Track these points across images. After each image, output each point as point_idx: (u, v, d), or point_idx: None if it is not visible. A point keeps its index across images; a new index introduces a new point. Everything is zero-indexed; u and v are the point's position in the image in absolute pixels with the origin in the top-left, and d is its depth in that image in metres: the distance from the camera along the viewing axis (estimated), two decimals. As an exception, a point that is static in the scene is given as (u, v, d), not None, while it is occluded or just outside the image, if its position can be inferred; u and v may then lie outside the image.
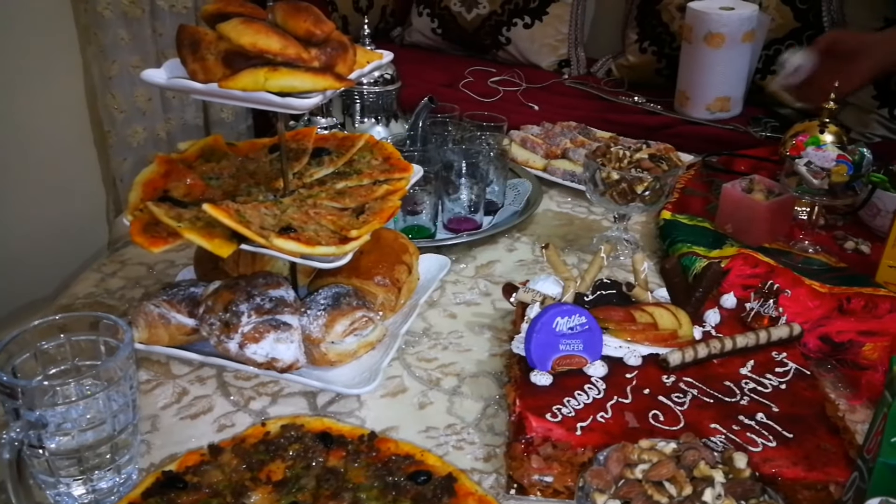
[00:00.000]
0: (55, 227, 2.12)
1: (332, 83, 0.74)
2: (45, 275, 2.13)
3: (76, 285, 1.06)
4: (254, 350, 0.82)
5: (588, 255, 1.20)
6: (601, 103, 2.37)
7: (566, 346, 0.82)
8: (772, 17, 2.23)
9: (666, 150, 1.47)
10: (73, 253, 2.17)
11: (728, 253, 1.09)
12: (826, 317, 0.96)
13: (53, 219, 2.11)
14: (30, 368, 0.70)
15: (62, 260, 2.15)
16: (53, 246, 2.12)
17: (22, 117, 1.97)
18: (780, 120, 2.17)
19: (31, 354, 0.70)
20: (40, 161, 2.05)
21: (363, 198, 0.89)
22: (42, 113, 2.02)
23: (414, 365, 0.92)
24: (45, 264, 2.12)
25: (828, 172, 1.05)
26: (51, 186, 2.09)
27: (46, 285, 2.15)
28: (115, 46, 2.04)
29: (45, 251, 2.11)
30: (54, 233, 2.11)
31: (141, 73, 0.79)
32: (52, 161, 2.08)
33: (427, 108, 1.29)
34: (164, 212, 0.80)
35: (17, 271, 2.06)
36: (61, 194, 2.12)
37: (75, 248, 2.16)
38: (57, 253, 2.14)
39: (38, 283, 2.13)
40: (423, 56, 2.78)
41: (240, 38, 0.73)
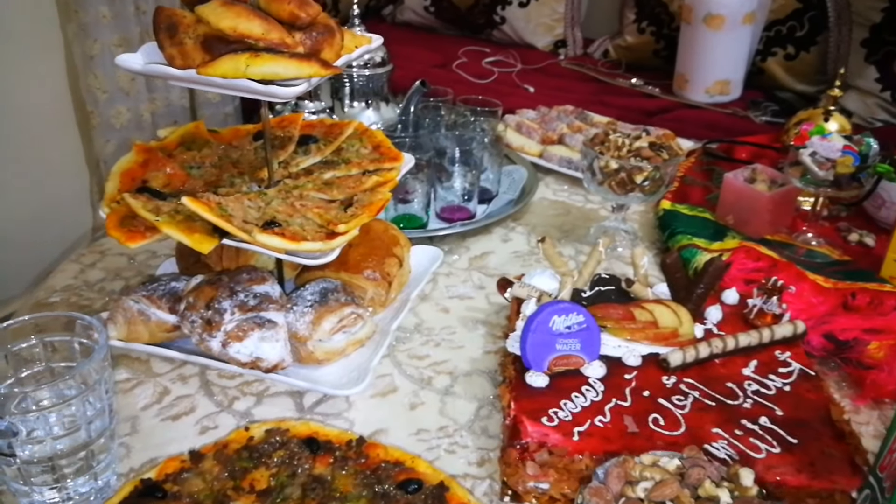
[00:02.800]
0: (38, 210, 2.07)
1: (318, 70, 0.70)
2: (28, 258, 2.09)
3: (54, 277, 1.02)
4: (237, 349, 0.78)
5: (585, 245, 1.16)
6: (598, 85, 2.33)
7: (563, 346, 0.79)
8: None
9: (666, 138, 1.44)
10: (57, 236, 2.12)
11: (729, 246, 1.06)
12: (830, 313, 0.93)
13: (36, 201, 2.06)
14: (1, 371, 0.66)
15: (45, 243, 2.10)
16: (36, 229, 2.07)
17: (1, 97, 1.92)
18: (780, 104, 2.13)
19: (2, 356, 0.66)
20: (22, 142, 2.00)
21: (352, 189, 0.85)
22: (22, 93, 1.97)
23: (405, 363, 0.89)
24: (27, 247, 2.08)
25: (833, 163, 1.01)
26: (33, 168, 2.04)
27: (29, 268, 2.11)
28: (96, 24, 1.98)
29: (27, 234, 2.07)
30: (37, 216, 2.06)
31: (116, 59, 0.75)
32: (33, 142, 2.03)
33: (419, 93, 1.25)
34: (141, 204, 0.76)
35: (0, 254, 2.02)
36: (44, 176, 2.07)
37: (59, 230, 2.12)
38: (40, 236, 2.10)
39: (20, 266, 2.08)
40: (416, 35, 2.73)
41: (219, 22, 0.69)
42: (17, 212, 2.03)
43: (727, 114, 2.10)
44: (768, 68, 2.25)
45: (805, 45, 2.21)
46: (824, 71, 2.19)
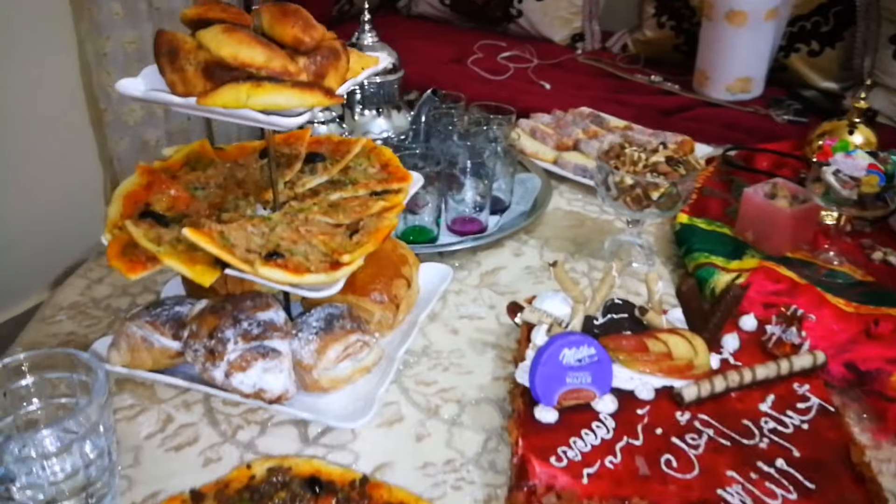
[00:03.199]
0: (53, 206, 2.07)
1: (321, 99, 0.68)
2: (42, 255, 2.10)
3: (61, 292, 1.01)
4: (240, 380, 0.77)
5: (599, 261, 1.14)
6: (615, 82, 2.29)
7: (573, 380, 0.77)
8: (797, -8, 2.12)
9: (684, 146, 1.41)
10: (72, 232, 2.12)
11: (748, 265, 1.03)
12: (852, 341, 0.90)
13: (51, 198, 2.07)
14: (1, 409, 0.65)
15: (61, 239, 2.11)
16: (52, 225, 2.08)
17: (14, 95, 1.92)
18: (803, 102, 2.08)
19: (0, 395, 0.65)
20: (35, 140, 2.00)
21: (357, 213, 0.83)
22: (36, 90, 1.97)
23: (412, 389, 0.87)
24: (43, 243, 2.09)
25: (857, 182, 0.98)
26: (47, 166, 2.04)
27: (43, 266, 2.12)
28: (109, 22, 1.97)
29: (43, 230, 2.07)
30: (51, 213, 2.07)
31: (116, 84, 0.73)
32: (48, 140, 2.03)
33: (430, 102, 1.22)
34: (143, 233, 0.74)
35: (14, 252, 2.03)
36: (58, 174, 2.08)
37: (74, 227, 2.11)
38: (56, 232, 2.10)
39: (37, 262, 2.09)
40: (431, 28, 2.70)
41: (220, 50, 0.67)
42: (32, 208, 2.03)
43: (748, 112, 2.05)
44: (792, 65, 2.20)
45: (830, 40, 2.15)
46: (850, 67, 2.14)
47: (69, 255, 2.14)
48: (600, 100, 2.15)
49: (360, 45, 1.25)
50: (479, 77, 2.25)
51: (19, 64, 1.91)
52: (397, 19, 2.79)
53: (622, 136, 1.46)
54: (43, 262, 2.11)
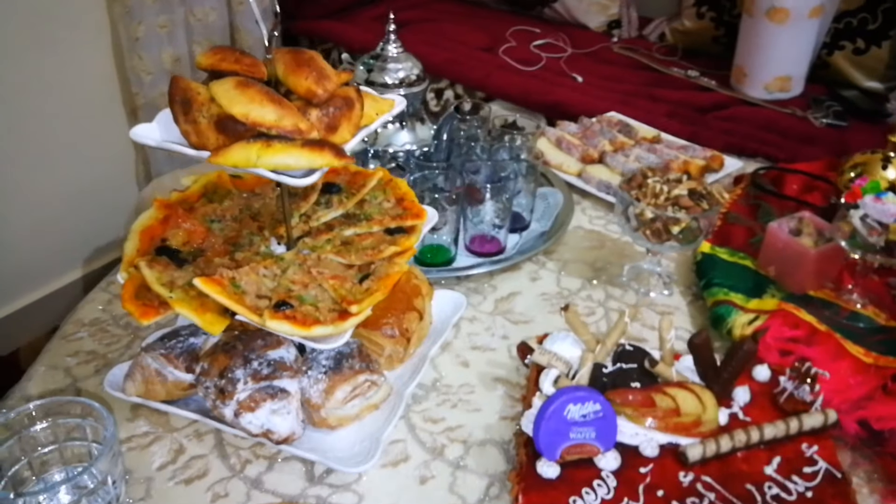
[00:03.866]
0: (85, 188, 2.11)
1: (330, 160, 0.67)
2: (76, 235, 2.14)
3: (82, 308, 1.04)
4: (249, 420, 0.78)
5: (617, 288, 1.13)
6: (651, 75, 2.23)
7: (577, 435, 0.77)
8: (845, -13, 2.04)
9: (713, 161, 1.38)
10: (103, 213, 2.16)
11: (767, 307, 1.01)
12: (868, 397, 0.88)
13: (83, 180, 2.10)
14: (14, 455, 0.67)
15: (92, 220, 2.15)
16: (83, 206, 2.12)
17: (49, 78, 1.94)
18: (843, 103, 2.02)
19: (15, 440, 0.67)
20: (69, 121, 2.03)
21: (369, 256, 0.83)
22: (69, 73, 1.99)
23: (419, 426, 0.88)
24: (75, 223, 2.13)
25: (886, 228, 0.95)
26: (80, 148, 2.07)
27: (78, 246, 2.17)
28: (140, 7, 1.97)
29: (75, 212, 2.11)
30: (84, 193, 2.11)
31: (131, 132, 0.73)
32: (80, 122, 2.06)
33: (452, 119, 1.20)
34: (156, 277, 0.76)
35: (49, 231, 2.07)
36: (90, 156, 2.11)
37: (105, 208, 2.16)
38: (87, 213, 2.14)
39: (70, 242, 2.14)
40: (465, 11, 2.65)
41: (232, 107, 0.67)
42: (66, 188, 2.07)
43: (786, 113, 2.00)
44: (835, 62, 2.13)
45: (877, 38, 2.07)
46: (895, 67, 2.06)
47: (102, 235, 2.20)
48: (634, 94, 2.11)
49: (384, 56, 1.24)
50: (510, 67, 2.21)
51: (55, 46, 1.93)
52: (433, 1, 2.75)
53: (649, 149, 1.43)
54: (77, 242, 2.16)
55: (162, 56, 2.07)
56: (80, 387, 0.91)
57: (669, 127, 1.85)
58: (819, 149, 1.82)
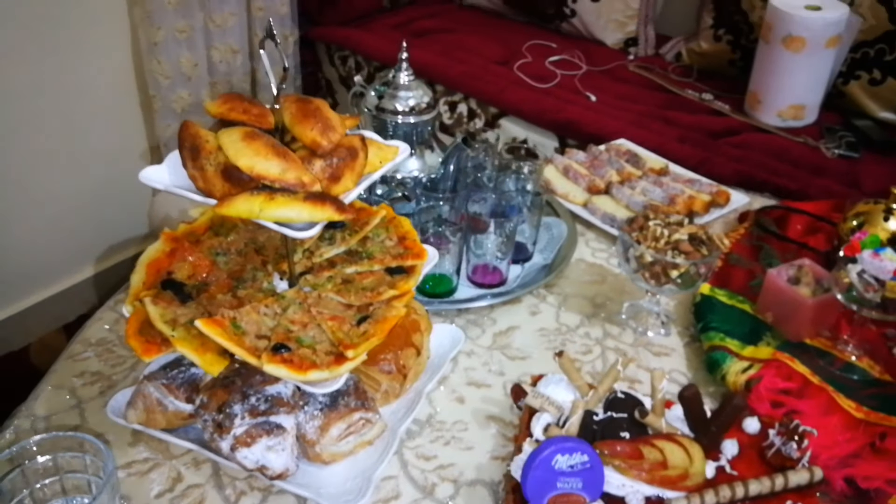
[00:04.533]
0: (99, 188, 2.14)
1: (331, 214, 0.69)
2: (88, 235, 2.18)
3: (90, 327, 1.06)
4: (244, 454, 0.80)
5: (615, 326, 1.14)
6: (664, 96, 2.24)
7: (564, 485, 0.78)
8: (863, 18, 2.03)
9: (719, 196, 1.38)
10: (117, 214, 2.20)
11: (762, 355, 1.02)
12: (856, 455, 0.89)
13: (98, 180, 2.13)
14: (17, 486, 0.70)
15: (106, 218, 2.18)
16: (97, 207, 2.15)
17: (69, 79, 1.97)
18: (857, 133, 2.01)
19: (18, 472, 0.70)
20: (87, 122, 2.06)
21: (368, 298, 0.85)
22: (89, 75, 2.02)
23: (412, 463, 0.90)
24: (89, 223, 2.16)
25: (882, 285, 0.96)
26: (96, 148, 2.10)
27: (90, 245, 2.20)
28: (161, 11, 2.00)
29: (89, 212, 2.15)
30: (98, 194, 2.14)
31: (140, 174, 0.75)
32: (98, 123, 2.09)
33: (460, 150, 1.22)
34: (160, 313, 0.78)
35: (62, 231, 2.10)
36: (106, 156, 2.14)
37: (119, 209, 2.19)
38: (102, 211, 2.17)
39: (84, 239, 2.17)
40: (482, 21, 2.66)
41: (237, 159, 0.69)
42: (79, 188, 2.10)
43: (798, 142, 1.99)
44: (850, 92, 2.12)
45: (893, 69, 2.07)
46: (911, 100, 2.05)
47: (115, 234, 2.23)
48: (647, 115, 2.11)
49: (396, 83, 1.25)
50: (524, 83, 2.22)
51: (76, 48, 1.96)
52: (452, 8, 2.76)
53: (655, 181, 1.44)
54: (90, 240, 2.19)
55: (180, 60, 2.09)
56: (84, 408, 0.93)
57: (680, 152, 1.87)
58: (830, 181, 1.83)
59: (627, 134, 1.79)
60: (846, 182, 1.83)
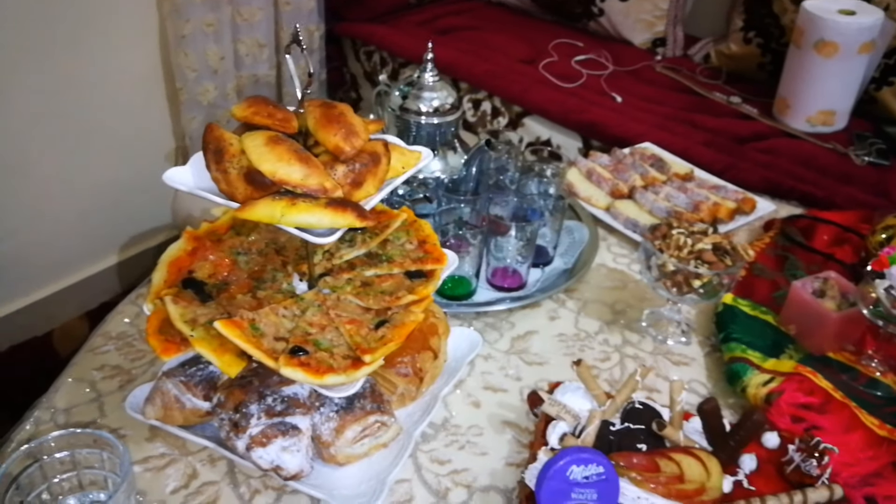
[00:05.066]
0: (124, 179, 2.16)
1: (352, 221, 0.69)
2: (112, 225, 2.20)
3: (112, 321, 1.07)
4: (260, 455, 0.81)
5: (634, 333, 1.13)
6: (691, 98, 2.21)
7: (579, 496, 0.78)
8: (899, 23, 1.99)
9: (745, 203, 1.37)
10: (141, 204, 2.21)
11: (784, 368, 1.01)
12: (877, 474, 0.88)
13: (123, 170, 2.15)
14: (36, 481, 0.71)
15: (129, 211, 2.20)
16: (122, 197, 2.17)
17: (97, 71, 1.99)
18: (887, 140, 1.98)
19: (36, 467, 0.71)
20: (113, 114, 2.08)
21: (387, 302, 0.85)
22: (117, 67, 2.03)
23: (426, 466, 0.90)
24: (113, 214, 2.18)
25: (910, 302, 0.94)
26: (122, 139, 2.12)
27: (113, 235, 2.23)
28: (189, 4, 2.01)
29: (113, 201, 2.17)
30: (123, 184, 2.16)
31: (164, 175, 0.76)
32: (124, 114, 2.10)
33: (482, 153, 1.21)
34: (180, 313, 0.78)
35: (87, 220, 2.13)
36: (132, 147, 2.15)
37: (143, 199, 2.21)
38: (127, 201, 2.19)
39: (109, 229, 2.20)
40: (509, 19, 2.65)
41: (260, 163, 0.69)
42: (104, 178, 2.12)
43: (827, 149, 1.96)
44: (882, 98, 2.08)
45: (928, 77, 2.02)
46: (945, 109, 2.01)
47: (138, 224, 2.25)
48: (673, 118, 2.09)
49: (420, 83, 1.25)
50: (549, 83, 2.20)
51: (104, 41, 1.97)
52: (478, 6, 2.75)
53: (680, 187, 1.42)
54: (114, 230, 2.22)
55: (207, 53, 2.10)
56: (103, 402, 0.94)
57: (705, 156, 1.84)
58: (858, 189, 1.79)
59: (652, 136, 1.77)
60: (875, 191, 1.79)
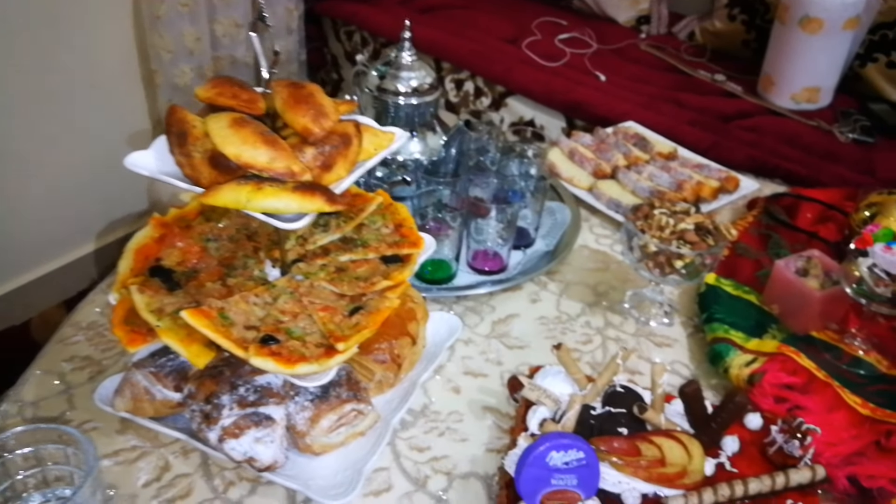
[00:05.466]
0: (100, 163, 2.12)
1: (321, 205, 0.67)
2: (89, 210, 2.16)
3: (81, 310, 1.04)
4: (232, 446, 0.79)
5: (617, 315, 1.11)
6: (676, 77, 2.19)
7: (559, 482, 0.76)
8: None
9: (728, 182, 1.35)
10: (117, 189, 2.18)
11: (767, 348, 1.00)
12: (860, 453, 0.87)
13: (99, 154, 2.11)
14: (0, 475, 0.69)
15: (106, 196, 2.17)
16: (98, 181, 2.13)
17: (70, 53, 1.94)
18: (872, 117, 1.97)
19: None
20: (88, 97, 2.03)
21: (362, 288, 0.82)
22: (90, 49, 1.99)
23: (404, 454, 0.88)
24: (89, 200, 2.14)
25: (893, 280, 0.93)
26: (97, 122, 2.08)
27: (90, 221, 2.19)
28: (163, -15, 1.96)
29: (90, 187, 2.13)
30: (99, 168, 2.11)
31: (125, 160, 0.73)
32: (99, 97, 2.06)
33: (461, 134, 1.19)
34: (146, 302, 0.76)
35: (63, 206, 2.09)
36: (108, 130, 2.11)
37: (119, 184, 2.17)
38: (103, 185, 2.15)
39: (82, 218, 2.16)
40: (493, -3, 2.60)
41: (224, 146, 0.66)
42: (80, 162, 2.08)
43: (811, 126, 1.95)
44: (867, 75, 2.07)
45: (912, 53, 2.01)
46: (929, 85, 2.00)
47: (116, 209, 2.22)
48: (657, 97, 2.07)
49: (398, 63, 1.22)
50: (532, 62, 2.18)
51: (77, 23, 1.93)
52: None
53: (663, 166, 1.40)
54: (91, 215, 2.18)
55: (183, 34, 2.06)
56: (72, 394, 0.92)
57: (690, 135, 1.83)
58: (843, 167, 1.78)
59: (637, 116, 1.75)
60: (860, 169, 1.78)
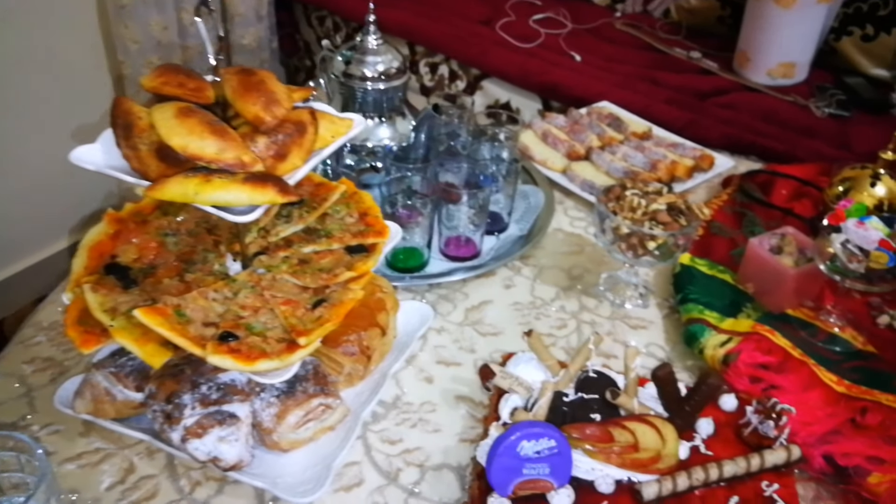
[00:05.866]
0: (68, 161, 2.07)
1: (273, 197, 0.64)
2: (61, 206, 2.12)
3: (42, 310, 1.02)
4: (196, 446, 0.77)
5: (591, 299, 1.10)
6: (652, 55, 2.17)
7: (531, 471, 0.75)
8: (857, -30, 1.95)
9: (703, 160, 1.34)
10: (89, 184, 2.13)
11: (741, 327, 0.99)
12: (836, 431, 0.86)
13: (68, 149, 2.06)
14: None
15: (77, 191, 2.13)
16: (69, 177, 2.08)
17: (34, 46, 1.89)
18: (848, 91, 1.95)
19: (-52, 471, 0.66)
20: (54, 90, 1.99)
21: (325, 280, 0.80)
22: (55, 41, 1.94)
23: (376, 447, 0.86)
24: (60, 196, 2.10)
25: (866, 256, 0.91)
26: (65, 116, 2.03)
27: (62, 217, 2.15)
28: (126, -26, 1.91)
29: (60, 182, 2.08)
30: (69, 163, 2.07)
31: (70, 154, 0.70)
32: (66, 90, 2.02)
33: (430, 118, 1.16)
34: (99, 302, 0.73)
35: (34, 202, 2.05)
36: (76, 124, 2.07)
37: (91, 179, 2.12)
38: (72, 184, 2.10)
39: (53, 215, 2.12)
40: (467, -22, 2.56)
41: (170, 138, 0.63)
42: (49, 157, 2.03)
43: (787, 101, 1.94)
44: (842, 48, 2.06)
45: (886, 25, 2.00)
46: (904, 56, 1.99)
47: (88, 204, 2.17)
48: (633, 76, 2.04)
49: (364, 47, 1.19)
50: (507, 44, 2.15)
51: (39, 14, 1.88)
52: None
53: (637, 146, 1.39)
54: (63, 211, 2.14)
55: (150, 24, 2.02)
56: (34, 396, 0.89)
57: (667, 114, 1.81)
58: (819, 142, 1.77)
59: (613, 95, 1.72)
60: (836, 143, 1.77)
